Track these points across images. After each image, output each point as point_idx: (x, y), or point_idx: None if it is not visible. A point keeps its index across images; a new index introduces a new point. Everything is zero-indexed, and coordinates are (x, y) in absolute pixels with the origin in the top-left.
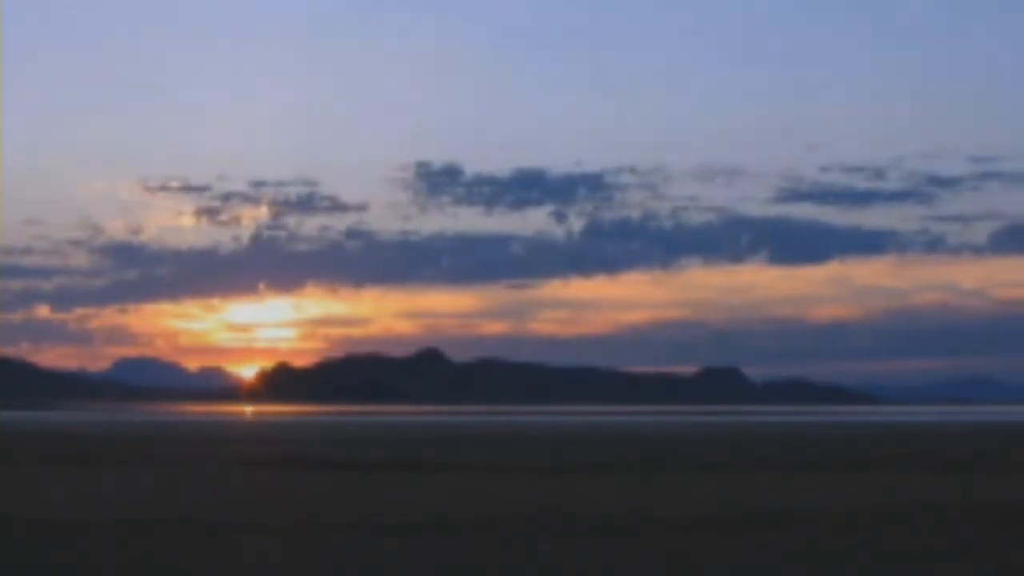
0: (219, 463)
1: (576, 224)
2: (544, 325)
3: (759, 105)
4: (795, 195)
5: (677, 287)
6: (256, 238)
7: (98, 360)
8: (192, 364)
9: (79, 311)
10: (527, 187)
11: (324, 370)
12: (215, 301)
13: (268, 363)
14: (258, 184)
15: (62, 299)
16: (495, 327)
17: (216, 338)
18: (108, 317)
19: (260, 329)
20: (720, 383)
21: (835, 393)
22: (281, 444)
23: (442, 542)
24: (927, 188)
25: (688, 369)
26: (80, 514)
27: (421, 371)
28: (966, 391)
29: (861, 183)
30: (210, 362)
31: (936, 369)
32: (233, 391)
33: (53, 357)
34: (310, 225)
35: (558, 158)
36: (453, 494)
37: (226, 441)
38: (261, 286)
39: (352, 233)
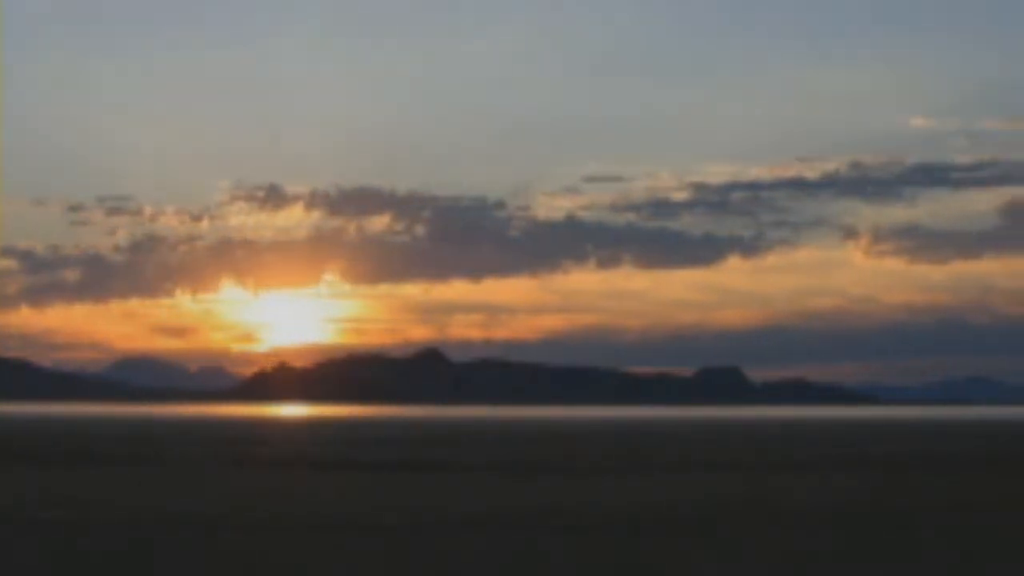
0: (219, 463)
1: (420, 231)
2: (466, 329)
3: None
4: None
5: (568, 291)
6: (138, 247)
7: (59, 360)
8: (191, 364)
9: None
10: (362, 200)
11: (324, 370)
12: (147, 301)
13: (269, 363)
14: (103, 199)
15: None
16: (421, 332)
17: (211, 338)
18: (49, 317)
19: (226, 329)
20: (719, 383)
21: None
22: (281, 444)
23: (442, 542)
24: (727, 198)
25: (686, 370)
26: (80, 513)
27: (421, 371)
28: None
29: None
30: (210, 362)
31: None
32: (233, 391)
33: (31, 356)
34: (182, 234)
35: (380, 173)
36: (453, 494)
37: (226, 441)
38: (178, 290)
39: (228, 242)
